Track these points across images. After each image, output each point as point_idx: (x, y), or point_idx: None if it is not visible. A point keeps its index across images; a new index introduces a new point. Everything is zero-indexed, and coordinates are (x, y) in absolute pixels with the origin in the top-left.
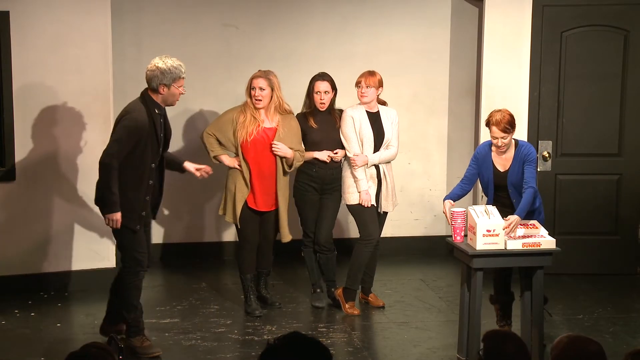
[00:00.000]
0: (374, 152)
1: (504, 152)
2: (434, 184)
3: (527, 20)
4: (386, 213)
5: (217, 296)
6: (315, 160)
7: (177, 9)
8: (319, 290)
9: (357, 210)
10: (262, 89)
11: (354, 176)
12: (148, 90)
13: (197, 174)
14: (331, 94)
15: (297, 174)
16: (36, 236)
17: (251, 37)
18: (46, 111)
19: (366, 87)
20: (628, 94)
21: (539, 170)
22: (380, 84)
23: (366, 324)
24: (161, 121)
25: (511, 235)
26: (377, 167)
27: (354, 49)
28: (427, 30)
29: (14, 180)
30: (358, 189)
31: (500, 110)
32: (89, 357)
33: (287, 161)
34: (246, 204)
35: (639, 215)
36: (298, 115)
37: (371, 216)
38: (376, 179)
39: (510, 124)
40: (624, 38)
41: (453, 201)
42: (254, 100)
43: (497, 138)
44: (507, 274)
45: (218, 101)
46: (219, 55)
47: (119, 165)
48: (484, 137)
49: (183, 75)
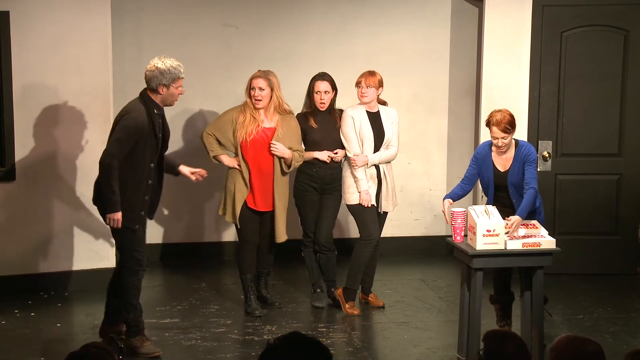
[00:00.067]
0: (374, 152)
1: (504, 152)
2: (434, 184)
3: (527, 20)
4: (386, 213)
5: (217, 296)
6: (316, 160)
7: (177, 9)
8: (319, 290)
9: (357, 210)
10: (261, 89)
11: (354, 176)
12: (147, 91)
13: (192, 177)
14: (331, 94)
15: (297, 174)
16: (36, 236)
17: (251, 37)
18: (46, 111)
19: (366, 87)
20: (628, 94)
21: (539, 170)
22: (381, 84)
23: (366, 324)
24: (159, 121)
25: (513, 235)
26: (377, 167)
27: (354, 49)
28: (427, 30)
29: (14, 180)
30: (358, 189)
31: (500, 111)
32: (89, 357)
33: (285, 161)
34: (246, 204)
35: (639, 215)
36: (298, 115)
37: (371, 216)
38: (376, 179)
39: (510, 124)
40: (624, 38)
41: (453, 200)
42: (253, 100)
43: (497, 138)
44: (507, 274)
45: (218, 101)
46: (219, 55)
47: (119, 165)
48: (484, 137)
49: (182, 75)
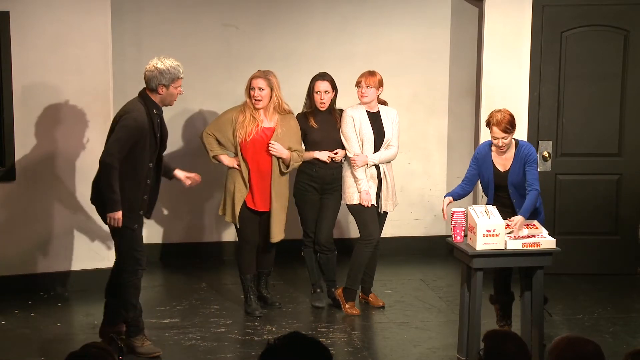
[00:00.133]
0: (374, 152)
1: (504, 152)
2: (434, 184)
3: (527, 20)
4: (386, 213)
5: (217, 296)
6: (316, 160)
7: (177, 9)
8: (319, 290)
9: (357, 210)
10: (261, 89)
11: (354, 176)
12: (146, 90)
13: (187, 182)
14: (331, 94)
15: (297, 173)
16: (36, 236)
17: (251, 37)
18: (46, 111)
19: (366, 87)
20: (628, 94)
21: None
22: (381, 84)
23: (366, 324)
24: (158, 121)
25: (518, 235)
26: (377, 167)
27: (354, 49)
28: (427, 30)
29: (14, 180)
30: (358, 188)
31: (500, 111)
32: (89, 357)
33: (283, 161)
34: (245, 204)
35: (639, 215)
36: (298, 115)
37: (371, 216)
38: (376, 179)
39: (510, 124)
40: (624, 38)
41: (453, 199)
42: (253, 100)
43: (497, 138)
44: (507, 274)
45: (218, 101)
46: (219, 55)
47: (119, 164)
48: (484, 137)
49: (181, 75)
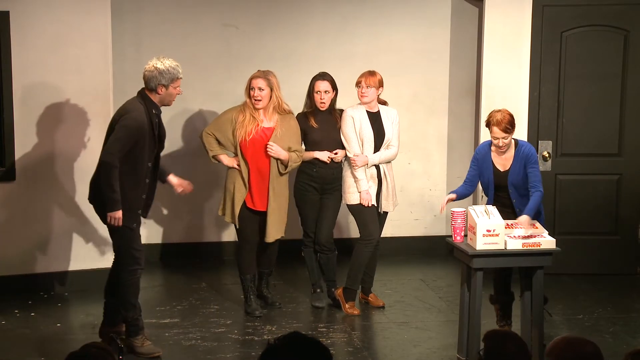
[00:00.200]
0: (374, 152)
1: (504, 152)
2: (434, 184)
3: (527, 20)
4: (386, 213)
5: (217, 296)
6: (316, 160)
7: (177, 9)
8: (319, 290)
9: (357, 210)
10: (261, 89)
11: (354, 176)
12: (145, 90)
13: (178, 189)
14: (331, 94)
15: (297, 173)
16: (36, 236)
17: (251, 37)
18: (46, 111)
19: (366, 87)
20: (628, 94)
21: None
22: (381, 84)
23: (366, 324)
24: (157, 121)
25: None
26: (377, 167)
27: (354, 49)
28: (427, 30)
29: (14, 180)
30: (358, 188)
31: (500, 111)
32: (89, 357)
33: (282, 162)
34: (245, 204)
35: (639, 215)
36: (299, 115)
37: (371, 216)
38: (376, 179)
39: (510, 124)
40: (624, 38)
41: (456, 196)
42: (253, 100)
43: (498, 138)
44: (507, 274)
45: (218, 101)
46: (219, 55)
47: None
48: (484, 137)
49: (180, 76)
